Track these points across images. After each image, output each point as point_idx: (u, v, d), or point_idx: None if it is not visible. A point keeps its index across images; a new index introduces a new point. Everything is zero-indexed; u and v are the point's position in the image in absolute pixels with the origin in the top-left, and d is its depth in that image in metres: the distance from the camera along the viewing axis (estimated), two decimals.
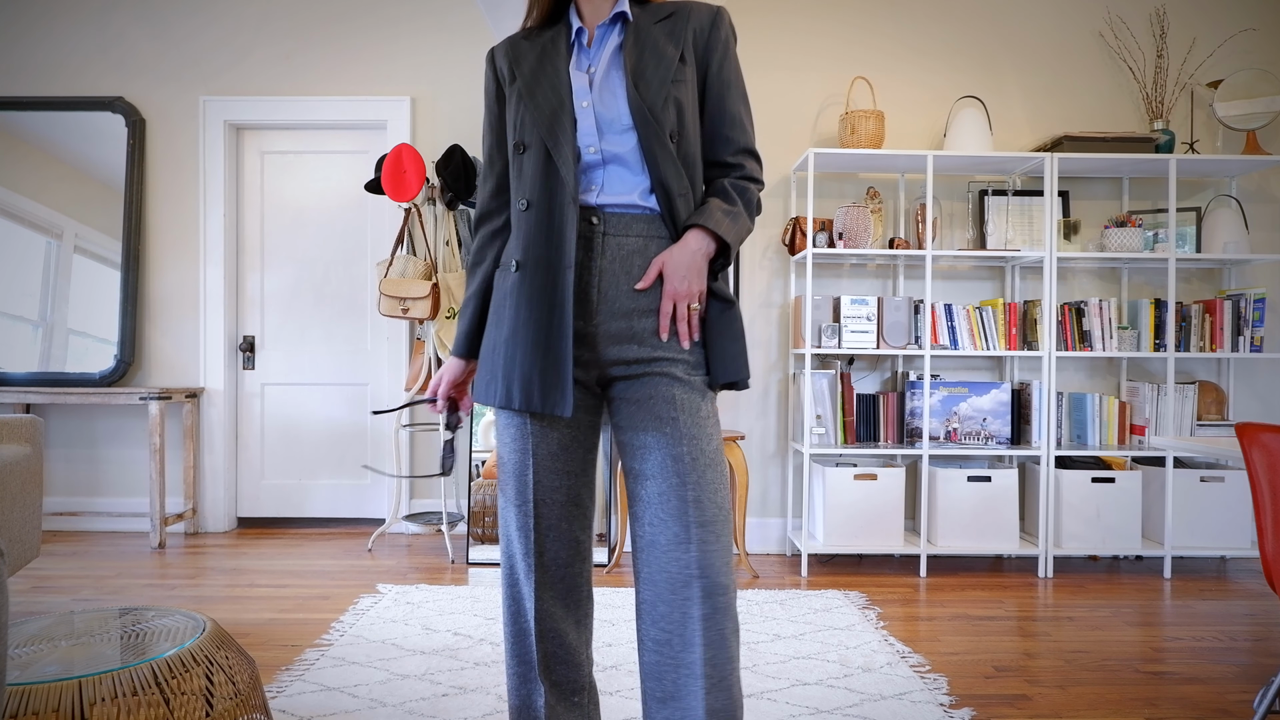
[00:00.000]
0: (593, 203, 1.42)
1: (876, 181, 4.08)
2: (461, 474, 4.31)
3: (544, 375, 1.38)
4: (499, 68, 1.53)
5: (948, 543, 3.67)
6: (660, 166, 1.40)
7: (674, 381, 1.40)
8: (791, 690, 2.33)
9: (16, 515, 2.60)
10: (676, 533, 1.36)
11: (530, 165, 1.43)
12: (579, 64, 1.46)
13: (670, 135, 1.40)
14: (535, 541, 1.45)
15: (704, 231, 1.41)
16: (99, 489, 4.40)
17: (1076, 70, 4.10)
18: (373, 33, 4.32)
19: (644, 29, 1.46)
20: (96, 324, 4.33)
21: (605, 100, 1.41)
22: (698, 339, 1.43)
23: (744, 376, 1.44)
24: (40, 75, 4.34)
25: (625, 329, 1.41)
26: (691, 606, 1.34)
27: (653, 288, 1.42)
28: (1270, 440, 1.77)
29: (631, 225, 1.42)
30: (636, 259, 1.41)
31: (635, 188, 1.42)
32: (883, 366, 4.08)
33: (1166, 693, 2.38)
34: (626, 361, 1.41)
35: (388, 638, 2.73)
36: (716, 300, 1.44)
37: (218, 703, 1.55)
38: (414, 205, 4.01)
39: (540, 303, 1.38)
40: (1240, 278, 4.04)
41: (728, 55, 1.49)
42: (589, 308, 1.41)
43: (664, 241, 1.43)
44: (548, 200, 1.40)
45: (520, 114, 1.45)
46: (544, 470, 1.45)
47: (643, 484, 1.40)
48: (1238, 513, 3.68)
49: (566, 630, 1.49)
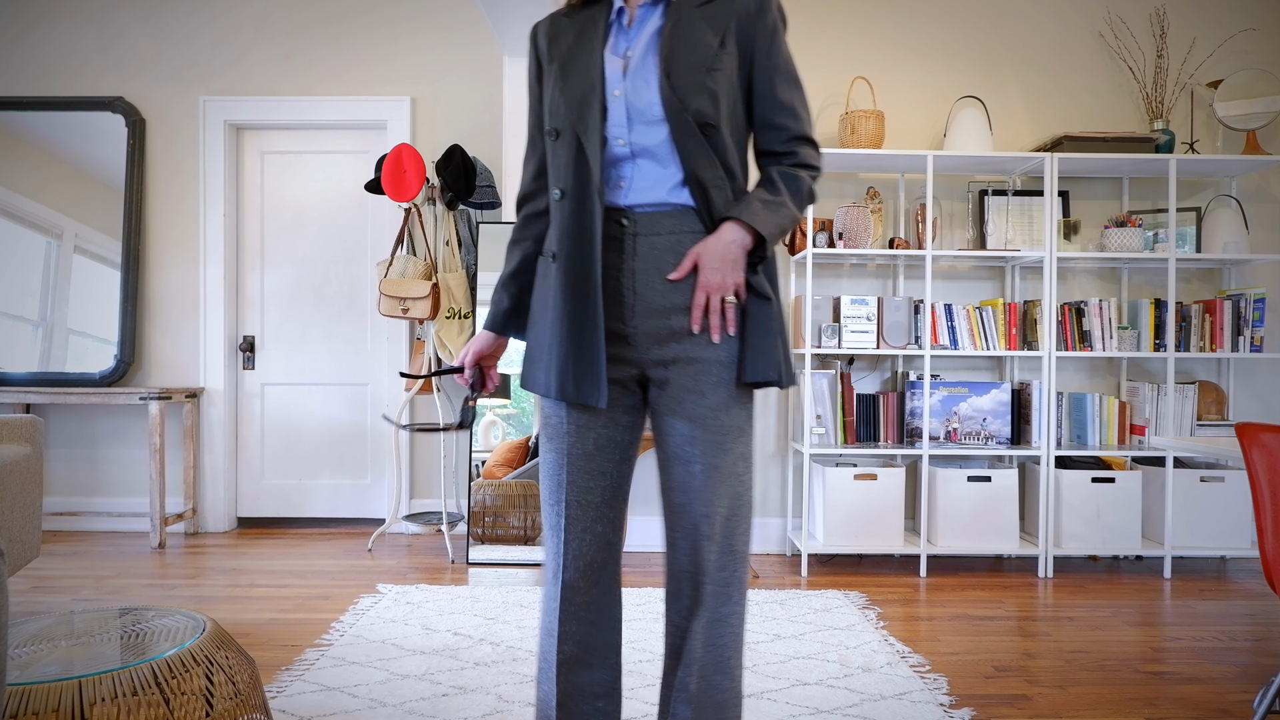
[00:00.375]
0: (622, 204, 1.40)
1: (876, 181, 4.08)
2: (462, 474, 4.32)
3: (577, 365, 1.37)
4: (539, 46, 1.49)
5: (948, 543, 3.67)
6: (692, 159, 1.36)
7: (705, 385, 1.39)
8: (791, 690, 2.33)
9: (16, 515, 2.60)
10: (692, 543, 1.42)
11: (563, 153, 1.40)
12: (615, 47, 1.41)
13: (704, 127, 1.35)
14: (565, 542, 1.45)
15: (739, 224, 1.36)
16: (99, 489, 4.40)
17: (1076, 70, 4.10)
18: (373, 33, 4.32)
19: (685, 12, 1.39)
20: (96, 324, 4.33)
21: (637, 89, 1.37)
22: (732, 333, 1.39)
23: (775, 376, 1.39)
24: (40, 75, 4.34)
25: (663, 327, 1.39)
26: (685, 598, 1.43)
27: (688, 285, 1.39)
28: (1270, 440, 1.77)
29: (662, 222, 1.39)
30: (669, 256, 1.39)
31: (666, 183, 1.39)
32: (883, 366, 4.08)
33: (1166, 693, 2.38)
34: (665, 362, 1.41)
35: (388, 638, 2.73)
36: (752, 294, 1.40)
37: (218, 703, 1.55)
38: (414, 205, 4.01)
39: (573, 294, 1.38)
40: (1240, 278, 4.04)
41: (775, 40, 1.41)
42: (625, 309, 1.40)
43: (697, 235, 1.39)
44: (578, 191, 1.38)
45: (554, 97, 1.42)
46: (578, 470, 1.44)
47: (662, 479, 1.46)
48: (1238, 513, 3.68)
49: (591, 633, 1.48)
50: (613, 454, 1.46)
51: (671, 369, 1.41)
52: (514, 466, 3.78)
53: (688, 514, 1.41)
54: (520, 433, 3.81)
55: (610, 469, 1.46)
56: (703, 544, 1.41)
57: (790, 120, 1.43)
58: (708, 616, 1.42)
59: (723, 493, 1.41)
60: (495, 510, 3.76)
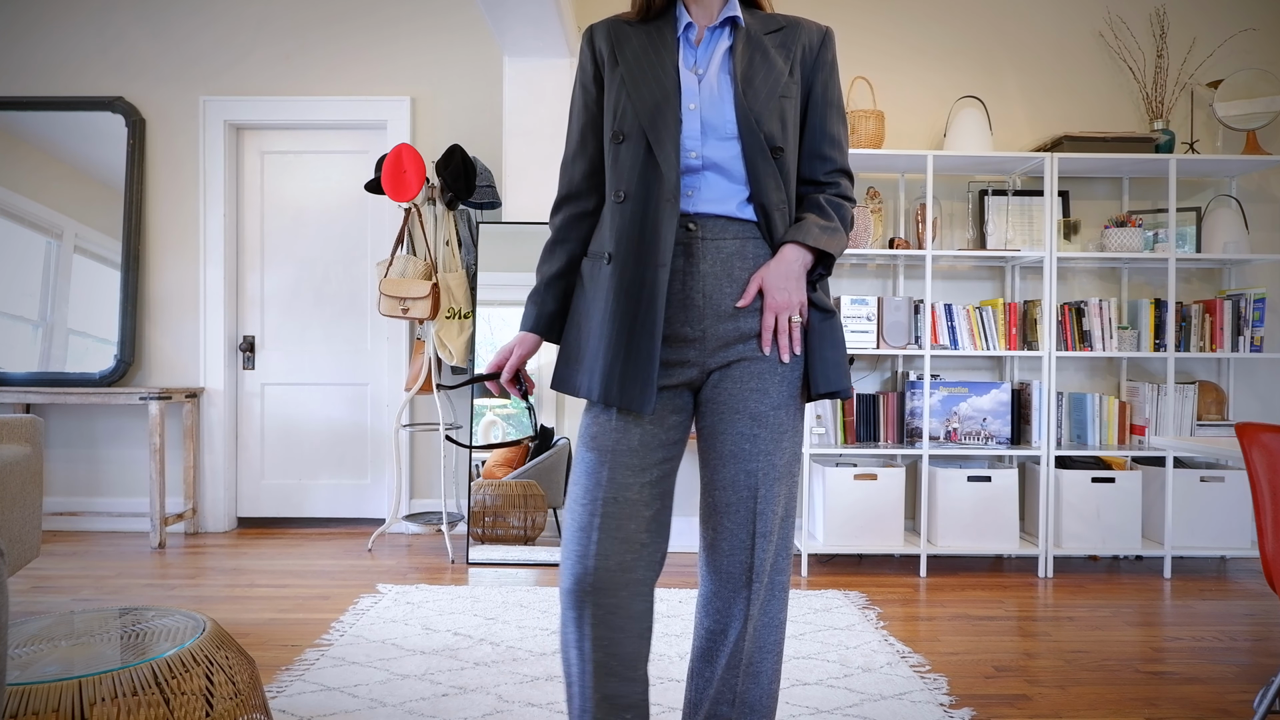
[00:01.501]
0: (688, 210, 1.41)
1: (876, 181, 4.08)
2: (462, 474, 4.31)
3: (625, 369, 1.36)
4: (598, 48, 1.50)
5: (948, 543, 3.67)
6: (760, 179, 1.40)
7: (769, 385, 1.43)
8: (791, 690, 2.33)
9: (16, 515, 2.60)
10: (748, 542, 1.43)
11: (628, 157, 1.41)
12: (686, 61, 1.44)
13: (774, 149, 1.41)
14: (596, 540, 1.38)
15: (799, 245, 1.41)
16: (99, 489, 4.40)
17: (1076, 70, 4.10)
18: (373, 33, 4.32)
19: (755, 37, 1.45)
20: (96, 324, 4.33)
21: (712, 103, 1.40)
22: (798, 352, 1.44)
23: (845, 386, 1.44)
24: (40, 75, 4.34)
25: (733, 330, 1.42)
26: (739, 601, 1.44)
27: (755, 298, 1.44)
28: (1270, 440, 1.77)
29: (728, 228, 1.42)
30: (736, 260, 1.42)
31: (733, 197, 1.42)
32: (883, 366, 4.08)
33: (1166, 693, 2.38)
34: (729, 362, 1.43)
35: (388, 638, 2.73)
36: (816, 310, 1.45)
37: (218, 703, 1.55)
38: (414, 205, 4.01)
39: (630, 297, 1.37)
40: (1240, 278, 4.04)
41: (833, 76, 1.49)
42: (695, 313, 1.41)
43: (760, 245, 1.43)
44: (644, 194, 1.39)
45: (621, 102, 1.43)
46: (620, 467, 1.40)
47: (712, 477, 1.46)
48: (1238, 513, 3.68)
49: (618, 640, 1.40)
50: (657, 452, 1.43)
51: (734, 368, 1.43)
52: (514, 466, 3.78)
53: (740, 512, 1.42)
54: (520, 433, 3.81)
55: (652, 467, 1.42)
56: (759, 542, 1.42)
57: (836, 153, 1.49)
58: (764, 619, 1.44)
59: (779, 491, 1.43)
60: (495, 510, 3.76)
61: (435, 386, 3.90)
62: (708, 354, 1.42)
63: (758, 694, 1.47)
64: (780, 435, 1.43)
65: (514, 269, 3.84)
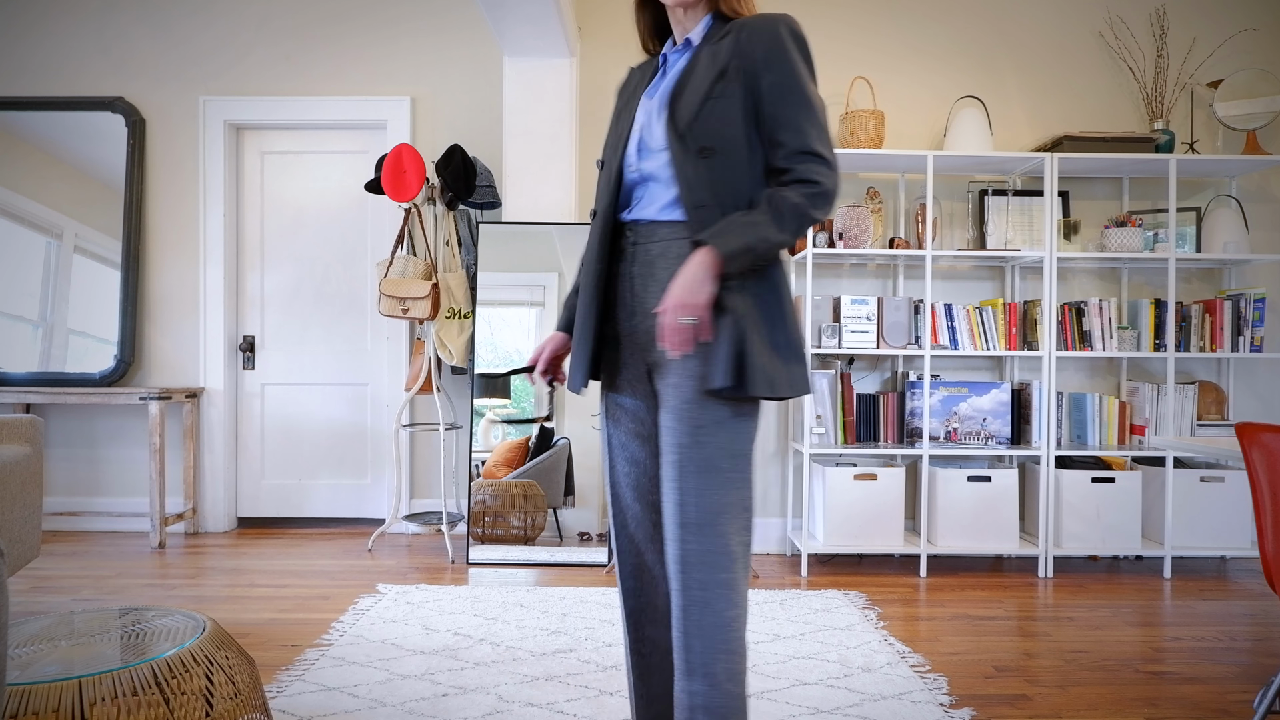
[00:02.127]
0: (628, 219, 1.55)
1: (876, 181, 4.08)
2: (461, 474, 4.32)
3: (574, 360, 1.60)
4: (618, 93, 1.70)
5: (948, 543, 3.67)
6: (683, 182, 1.46)
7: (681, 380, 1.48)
8: (791, 690, 2.33)
9: (16, 515, 2.60)
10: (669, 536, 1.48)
11: (601, 181, 1.61)
12: (650, 91, 1.58)
13: (701, 149, 1.45)
14: (612, 515, 1.66)
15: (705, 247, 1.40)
16: (99, 489, 4.40)
17: (1076, 70, 4.10)
18: (373, 33, 4.32)
19: (700, 51, 1.52)
20: (96, 324, 4.33)
21: (649, 123, 1.53)
22: (689, 351, 1.41)
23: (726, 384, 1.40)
24: (40, 75, 4.34)
25: (656, 327, 1.52)
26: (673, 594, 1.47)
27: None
28: (1270, 440, 1.77)
29: (656, 231, 1.52)
30: (660, 261, 1.51)
31: (662, 200, 1.52)
32: (883, 366, 4.08)
33: (1166, 693, 2.38)
34: (659, 362, 1.53)
35: (388, 638, 2.73)
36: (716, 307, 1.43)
37: (218, 703, 1.55)
38: (414, 205, 4.01)
39: (584, 300, 1.57)
40: (1240, 278, 4.04)
41: (782, 63, 1.45)
42: (626, 311, 1.56)
43: (684, 243, 1.49)
44: (602, 210, 1.58)
45: (606, 137, 1.65)
46: (618, 458, 1.64)
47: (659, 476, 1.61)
48: (1238, 513, 3.68)
49: (651, 592, 1.65)
50: (646, 444, 1.62)
51: (664, 365, 1.51)
52: (514, 466, 3.78)
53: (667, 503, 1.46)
54: (520, 433, 3.81)
55: (643, 458, 1.62)
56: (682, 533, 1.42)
57: (789, 135, 1.45)
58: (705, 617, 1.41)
59: (696, 485, 1.42)
60: (495, 510, 3.76)
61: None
62: (643, 347, 1.55)
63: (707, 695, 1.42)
64: (697, 430, 1.44)
65: (514, 269, 3.84)
